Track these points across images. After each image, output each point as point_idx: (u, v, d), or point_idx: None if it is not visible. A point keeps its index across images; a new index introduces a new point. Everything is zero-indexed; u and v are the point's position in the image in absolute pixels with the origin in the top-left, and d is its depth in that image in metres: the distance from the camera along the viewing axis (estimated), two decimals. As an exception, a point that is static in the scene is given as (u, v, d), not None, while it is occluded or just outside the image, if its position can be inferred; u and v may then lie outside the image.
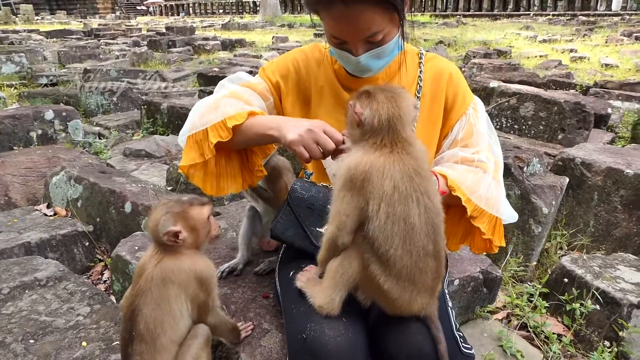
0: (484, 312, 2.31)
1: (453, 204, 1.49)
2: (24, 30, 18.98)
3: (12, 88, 7.93)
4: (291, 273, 1.55)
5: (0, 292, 1.92)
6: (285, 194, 1.98)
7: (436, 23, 21.81)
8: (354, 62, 1.46)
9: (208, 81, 7.57)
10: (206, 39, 15.17)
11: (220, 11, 37.56)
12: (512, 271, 2.62)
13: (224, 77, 6.65)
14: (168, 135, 4.76)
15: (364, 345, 1.29)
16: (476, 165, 1.51)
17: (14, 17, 28.98)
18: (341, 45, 1.44)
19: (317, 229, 1.59)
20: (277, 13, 27.74)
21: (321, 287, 1.30)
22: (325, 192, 1.69)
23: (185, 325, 1.36)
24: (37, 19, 31.16)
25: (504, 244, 1.56)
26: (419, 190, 1.13)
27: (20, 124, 4.59)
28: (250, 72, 7.35)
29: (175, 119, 4.93)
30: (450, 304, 1.50)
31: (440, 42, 13.46)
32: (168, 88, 7.48)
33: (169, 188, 3.13)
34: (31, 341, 1.67)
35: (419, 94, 1.62)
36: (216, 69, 8.25)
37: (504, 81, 5.58)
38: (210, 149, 1.53)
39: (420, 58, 1.65)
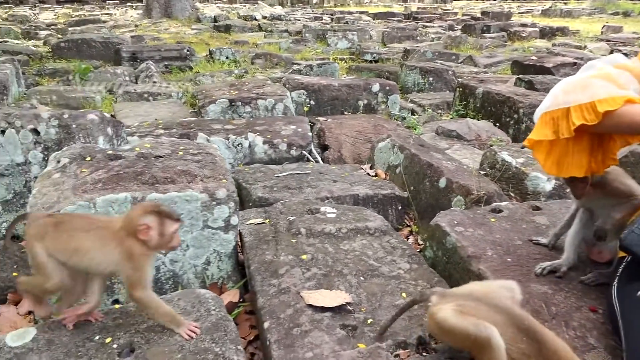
0: None
1: None
2: (356, 12, 21.63)
3: (343, 61, 9.18)
4: (639, 292, 1.37)
5: (340, 230, 2.29)
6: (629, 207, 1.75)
7: None
8: None
9: (523, 69, 7.20)
10: (523, 25, 14.40)
11: (541, -4, 34.88)
12: None
13: (541, 66, 6.19)
14: (479, 119, 4.75)
15: None
16: None
17: None
18: None
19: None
20: (611, -1, 24.07)
21: None
22: None
23: None
24: (366, 2, 35.05)
25: None
26: None
27: (353, 93, 5.30)
28: (574, 65, 6.57)
29: (488, 105, 4.88)
30: None
31: None
32: (480, 74, 7.44)
33: (482, 172, 3.14)
34: (361, 278, 1.95)
35: None
36: (534, 58, 7.76)
37: None
38: (569, 130, 1.49)
39: None
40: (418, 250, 2.51)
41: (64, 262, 1.56)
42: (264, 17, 18.37)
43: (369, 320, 1.69)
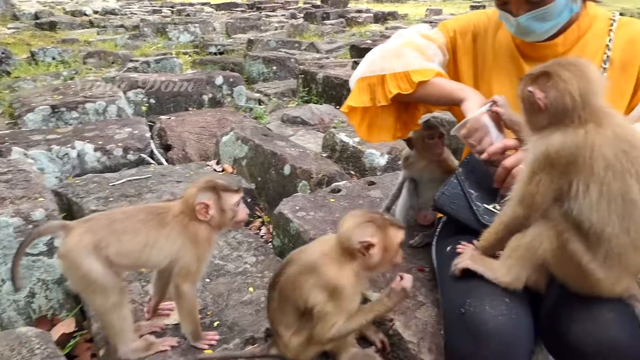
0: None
1: None
2: (198, 3, 20.95)
3: (187, 55, 8.83)
4: (448, 248, 1.53)
5: (182, 233, 2.18)
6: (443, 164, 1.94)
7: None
8: (514, 24, 1.42)
9: (360, 53, 7.62)
10: (359, 11, 15.27)
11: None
12: None
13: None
14: (322, 104, 4.91)
15: (529, 330, 1.23)
16: None
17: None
18: (503, 5, 1.42)
19: (485, 205, 1.52)
20: (432, -16, 26.66)
21: (503, 264, 1.26)
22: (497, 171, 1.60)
23: None
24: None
25: None
26: (638, 163, 1.05)
27: (196, 88, 5.10)
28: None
29: (329, 89, 5.07)
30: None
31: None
32: (322, 59, 7.70)
33: (324, 154, 3.24)
34: (207, 280, 1.88)
35: (605, 64, 1.46)
36: (369, 42, 8.27)
37: None
38: (386, 98, 1.57)
39: (612, 24, 1.49)
40: (270, 240, 2.51)
41: (128, 266, 1.40)
42: (96, 12, 16.85)
43: (216, 323, 1.63)
